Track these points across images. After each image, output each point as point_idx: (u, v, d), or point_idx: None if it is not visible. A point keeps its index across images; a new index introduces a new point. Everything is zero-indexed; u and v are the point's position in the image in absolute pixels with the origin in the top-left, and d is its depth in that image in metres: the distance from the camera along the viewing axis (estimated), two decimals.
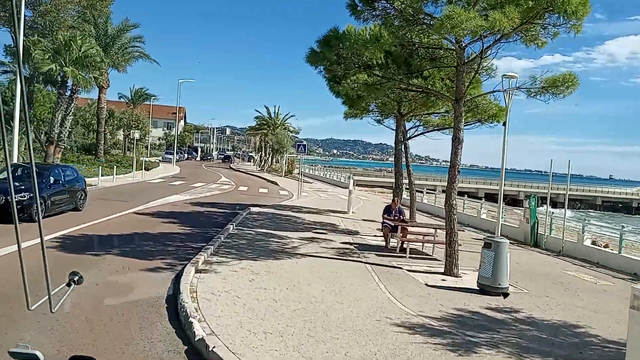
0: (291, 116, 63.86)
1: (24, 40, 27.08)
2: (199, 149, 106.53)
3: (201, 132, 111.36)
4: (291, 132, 62.94)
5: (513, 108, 15.54)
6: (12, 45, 28.18)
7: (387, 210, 13.38)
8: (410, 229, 13.09)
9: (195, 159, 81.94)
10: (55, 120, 27.30)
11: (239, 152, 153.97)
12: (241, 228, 14.14)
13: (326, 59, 10.69)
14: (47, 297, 1.88)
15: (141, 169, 33.00)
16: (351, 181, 42.50)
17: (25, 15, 31.29)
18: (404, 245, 12.74)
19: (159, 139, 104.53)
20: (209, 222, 15.62)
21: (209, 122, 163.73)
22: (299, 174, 56.79)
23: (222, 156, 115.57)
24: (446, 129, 15.93)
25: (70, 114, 28.89)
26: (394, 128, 16.57)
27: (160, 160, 63.45)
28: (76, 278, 2.16)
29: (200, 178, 37.97)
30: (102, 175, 26.16)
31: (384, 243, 13.85)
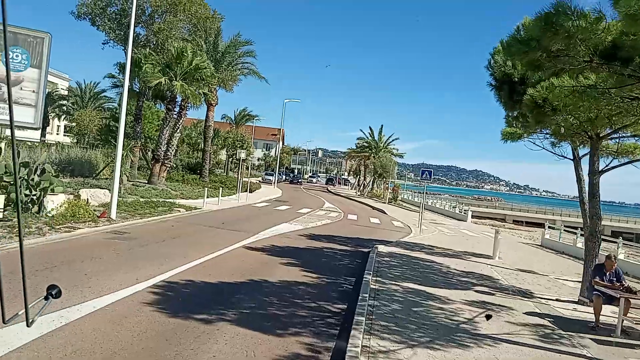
0: (395, 139, 60.31)
1: (135, 53, 26.33)
2: (296, 171, 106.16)
3: (299, 154, 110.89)
4: (394, 155, 59.39)
5: None
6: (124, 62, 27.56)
7: (599, 271, 9.41)
8: (634, 301, 9.00)
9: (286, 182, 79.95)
10: (163, 137, 26.06)
11: (331, 175, 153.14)
12: (381, 280, 10.80)
13: (539, 47, 7.18)
14: (24, 310, 1.83)
15: (245, 191, 31.11)
16: (469, 213, 38.11)
17: (139, 34, 31.12)
18: (625, 325, 8.72)
19: (258, 159, 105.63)
20: (336, 267, 12.50)
21: (305, 143, 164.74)
22: (401, 200, 53.01)
23: (327, 178, 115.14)
24: None
25: (178, 131, 27.63)
26: (574, 153, 12.57)
27: (259, 181, 62.75)
28: (54, 292, 2.03)
29: (304, 203, 35.51)
30: (207, 197, 24.32)
31: (583, 314, 9.85)
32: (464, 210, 40.29)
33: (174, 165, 28.74)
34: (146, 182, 26.47)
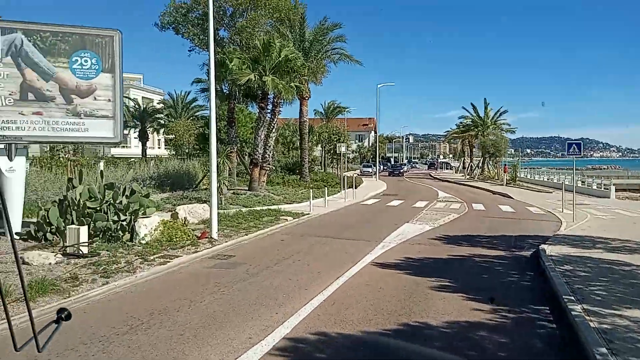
0: (504, 112, 54.38)
1: (219, 53, 24.47)
2: (392, 159, 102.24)
3: (394, 142, 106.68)
4: (504, 131, 53.64)
5: None
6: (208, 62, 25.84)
7: None
8: None
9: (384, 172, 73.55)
10: (259, 139, 23.97)
11: (431, 159, 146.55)
12: (592, 310, 7.26)
13: None
14: (33, 336, 1.84)
15: (350, 187, 28.37)
16: (612, 189, 32.35)
17: (222, 37, 29.48)
18: None
19: (352, 152, 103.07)
20: (506, 286, 9.13)
21: (399, 130, 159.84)
22: (520, 180, 47.42)
23: (428, 163, 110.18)
24: None
25: (274, 131, 25.44)
26: None
27: (358, 174, 59.94)
28: (64, 314, 2.03)
29: (415, 195, 32.01)
30: (312, 199, 21.89)
31: None
32: (604, 185, 34.34)
33: (273, 168, 26.75)
34: (247, 189, 24.58)
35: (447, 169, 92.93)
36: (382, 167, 76.61)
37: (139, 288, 8.80)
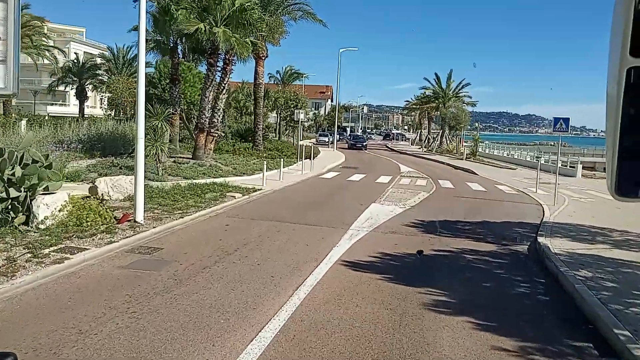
0: (466, 84, 52.87)
1: (166, 1, 21.12)
2: (349, 129, 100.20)
3: (351, 111, 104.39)
4: (466, 104, 52.27)
5: None
6: (153, 11, 22.33)
7: None
8: None
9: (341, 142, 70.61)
10: (206, 100, 20.91)
11: (387, 130, 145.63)
12: None
13: None
14: None
15: (308, 158, 25.87)
16: (579, 167, 31.34)
17: None
18: None
19: (308, 120, 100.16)
20: (520, 301, 7.00)
21: (355, 100, 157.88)
22: (480, 155, 46.37)
23: (384, 134, 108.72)
24: None
25: (224, 92, 22.41)
26: None
27: (314, 143, 57.43)
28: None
29: (376, 168, 29.90)
30: (261, 172, 19.28)
31: None
32: (571, 163, 33.34)
33: (222, 134, 23.74)
34: (191, 157, 21.59)
35: (402, 140, 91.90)
36: (339, 136, 74.44)
37: (9, 306, 6.05)
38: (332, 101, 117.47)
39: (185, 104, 26.51)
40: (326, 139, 59.46)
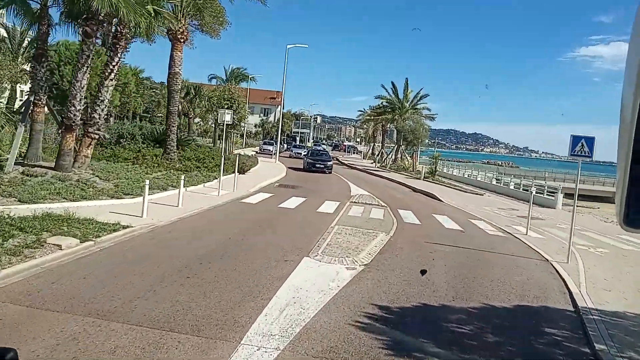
0: (425, 95, 48.35)
1: None
2: (298, 138, 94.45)
3: (302, 119, 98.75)
4: (424, 117, 47.71)
5: None
6: None
7: None
8: None
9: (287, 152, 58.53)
10: (77, 86, 14.51)
11: (334, 141, 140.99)
12: None
13: None
14: None
15: (233, 172, 19.86)
16: (560, 196, 26.77)
17: None
18: None
19: (255, 126, 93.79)
20: None
21: (307, 108, 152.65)
22: (438, 175, 41.66)
23: (333, 145, 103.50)
24: None
25: (112, 77, 16.08)
26: None
27: (257, 152, 51.32)
28: (8, 356, 1.71)
29: (321, 188, 24.16)
30: (163, 190, 13.25)
31: None
32: (550, 190, 28.71)
33: (106, 136, 17.17)
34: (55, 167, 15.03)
35: (354, 153, 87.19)
36: (286, 146, 68.22)
37: None
38: (283, 108, 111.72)
39: (58, 90, 19.79)
40: (270, 148, 53.48)
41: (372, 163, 53.30)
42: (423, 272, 9.23)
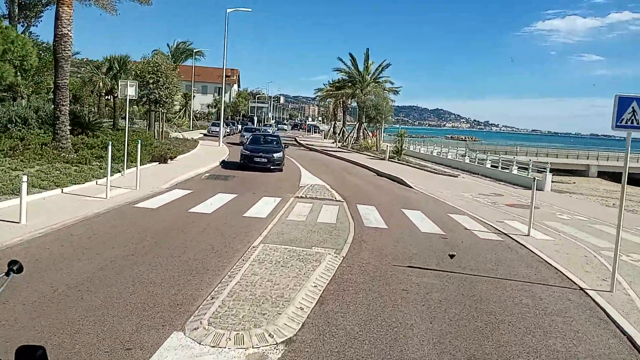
0: (387, 66, 43.94)
1: None
2: (256, 119, 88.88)
3: (258, 99, 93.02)
4: (388, 90, 43.40)
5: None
6: None
7: None
8: None
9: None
10: None
11: (295, 121, 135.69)
12: None
13: None
14: None
15: (159, 161, 14.98)
16: (548, 177, 22.83)
17: None
18: None
19: (208, 106, 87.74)
20: None
21: (264, 87, 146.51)
22: (404, 155, 37.46)
23: (292, 124, 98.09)
24: None
25: None
26: None
27: (205, 135, 46.13)
28: (15, 267, 2.05)
29: (263, 179, 19.46)
30: (39, 190, 8.44)
31: None
32: (536, 167, 24.74)
33: None
34: None
35: (315, 132, 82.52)
36: (240, 127, 62.40)
37: None
38: (239, 87, 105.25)
39: None
40: (217, 130, 48.33)
41: (332, 143, 48.84)
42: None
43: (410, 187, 19.80)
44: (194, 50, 63.45)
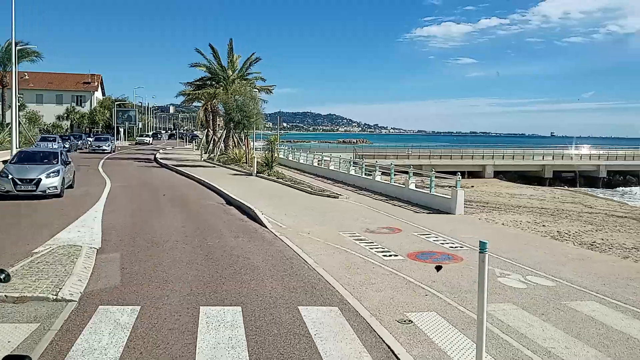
0: (256, 60, 36.68)
1: None
2: (122, 130, 77.15)
3: (121, 106, 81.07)
4: (259, 89, 36.07)
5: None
6: None
7: None
8: None
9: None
10: None
11: (181, 131, 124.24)
12: None
13: None
14: None
15: None
16: (459, 194, 16.50)
17: None
18: None
19: (59, 118, 74.61)
20: None
21: (133, 93, 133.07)
22: (279, 165, 30.06)
23: (151, 135, 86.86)
24: None
25: None
26: None
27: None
28: (2, 276, 2.03)
29: None
30: None
31: None
32: (434, 175, 18.58)
33: None
34: None
35: (190, 141, 73.38)
36: (90, 140, 50.52)
37: None
38: (103, 94, 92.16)
39: None
40: (52, 146, 37.94)
41: (201, 155, 40.45)
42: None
43: (264, 225, 12.53)
44: (36, 54, 51.06)
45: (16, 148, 40.80)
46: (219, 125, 41.84)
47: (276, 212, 14.31)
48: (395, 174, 20.64)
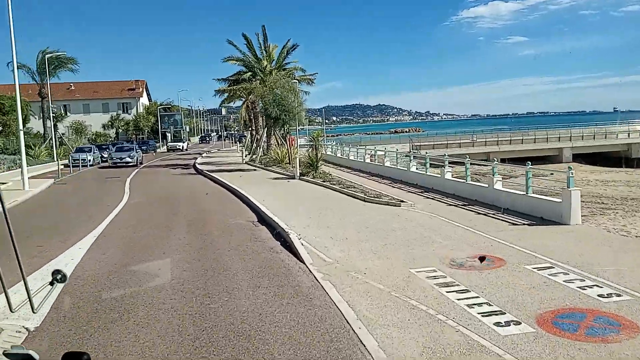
0: (294, 47, 32.92)
1: None
2: (169, 135, 75.77)
3: (166, 110, 79.72)
4: (299, 80, 32.33)
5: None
6: None
7: None
8: None
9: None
10: None
11: (232, 132, 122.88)
12: None
13: None
14: (27, 298, 1.82)
15: None
16: (575, 194, 12.31)
17: None
18: None
19: (104, 127, 74.00)
20: None
21: (177, 96, 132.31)
22: (324, 162, 25.79)
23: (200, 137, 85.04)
24: None
25: None
26: None
27: (66, 166, 33.11)
28: (59, 276, 2.00)
29: None
30: None
31: None
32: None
33: None
34: None
35: (238, 142, 70.80)
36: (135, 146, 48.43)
37: None
38: (149, 100, 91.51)
39: None
40: (87, 157, 35.98)
41: (242, 157, 37.32)
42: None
43: (301, 258, 8.76)
44: (71, 61, 49.56)
45: (51, 159, 38.87)
46: (260, 124, 38.50)
47: (320, 233, 10.54)
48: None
